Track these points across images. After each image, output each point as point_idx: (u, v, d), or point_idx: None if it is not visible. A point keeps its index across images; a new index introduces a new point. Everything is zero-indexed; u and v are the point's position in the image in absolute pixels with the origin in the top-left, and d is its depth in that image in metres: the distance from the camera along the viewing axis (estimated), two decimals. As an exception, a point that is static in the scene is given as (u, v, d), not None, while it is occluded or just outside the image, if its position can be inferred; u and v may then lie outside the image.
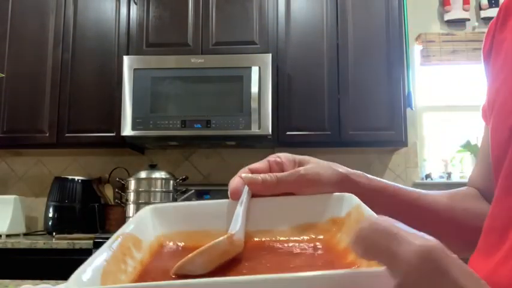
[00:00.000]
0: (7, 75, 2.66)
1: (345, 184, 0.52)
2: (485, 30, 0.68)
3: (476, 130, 2.74)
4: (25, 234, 2.71)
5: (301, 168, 0.50)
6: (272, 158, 0.53)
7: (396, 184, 0.60)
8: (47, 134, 2.66)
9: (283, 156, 0.53)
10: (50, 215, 2.63)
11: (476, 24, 3.00)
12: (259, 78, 2.48)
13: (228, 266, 0.38)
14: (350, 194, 0.45)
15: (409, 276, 0.25)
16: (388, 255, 0.26)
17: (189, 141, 2.70)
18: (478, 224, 0.62)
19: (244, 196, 0.47)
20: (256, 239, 0.45)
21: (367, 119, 2.59)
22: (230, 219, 0.44)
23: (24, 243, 2.28)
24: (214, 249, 0.38)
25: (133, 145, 2.75)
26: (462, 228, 0.63)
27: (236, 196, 0.47)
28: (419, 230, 0.28)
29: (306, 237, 0.44)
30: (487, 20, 2.99)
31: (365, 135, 2.58)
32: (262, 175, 0.49)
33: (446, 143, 2.95)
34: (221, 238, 0.39)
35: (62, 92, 2.68)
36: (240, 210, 0.45)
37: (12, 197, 2.69)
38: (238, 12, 2.67)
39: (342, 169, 0.54)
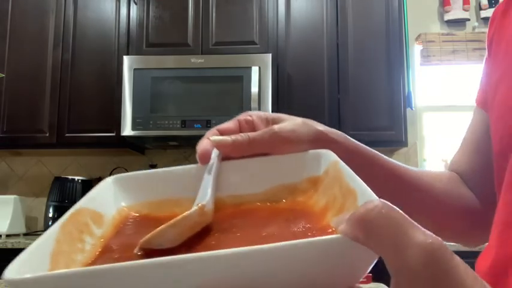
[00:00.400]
0: (7, 75, 2.66)
1: (323, 142, 0.47)
2: (486, 30, 0.67)
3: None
4: (25, 234, 2.71)
5: (275, 126, 0.46)
6: (242, 116, 0.49)
7: (378, 152, 0.56)
8: (47, 134, 2.66)
9: (254, 115, 0.49)
10: (50, 215, 2.63)
11: (476, 24, 3.00)
12: (259, 78, 2.48)
13: (197, 237, 0.35)
14: (327, 150, 0.41)
15: (413, 275, 0.24)
16: (393, 245, 0.24)
17: (189, 141, 2.70)
18: (456, 207, 0.61)
19: (214, 161, 0.43)
20: (228, 206, 0.41)
21: (367, 119, 2.59)
22: (199, 186, 0.41)
23: (24, 243, 2.28)
24: (185, 221, 0.35)
25: (134, 145, 2.75)
26: (439, 209, 0.60)
27: (205, 160, 0.43)
28: (397, 200, 0.27)
29: (281, 200, 0.41)
30: (487, 20, 2.99)
31: (365, 135, 2.58)
32: (232, 136, 0.44)
33: (446, 143, 2.95)
34: (192, 210, 0.36)
35: (62, 92, 2.68)
36: (209, 177, 0.41)
37: (12, 197, 2.69)
38: (238, 12, 2.68)
39: (320, 126, 0.49)
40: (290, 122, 0.47)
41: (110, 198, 0.41)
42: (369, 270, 0.28)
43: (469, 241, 0.65)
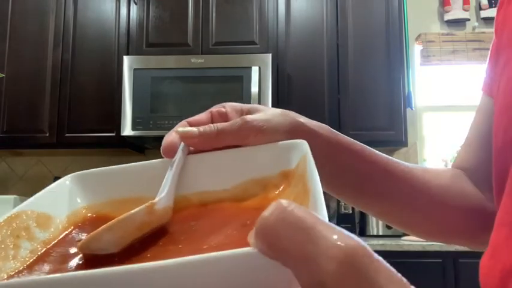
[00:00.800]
0: (7, 75, 2.66)
1: (301, 134, 0.42)
2: (486, 30, 0.65)
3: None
4: (25, 234, 2.71)
5: (247, 116, 0.42)
6: (215, 108, 0.45)
7: (366, 146, 0.51)
8: (47, 134, 2.66)
9: (228, 106, 0.45)
10: (50, 215, 2.63)
11: (476, 24, 3.00)
12: (259, 78, 2.48)
13: (148, 241, 0.32)
14: (301, 141, 0.36)
15: (326, 285, 0.19)
16: (300, 256, 0.20)
17: (189, 141, 2.70)
18: (458, 206, 0.56)
19: (178, 155, 0.39)
20: (193, 204, 0.37)
21: (367, 119, 2.59)
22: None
23: (24, 243, 2.28)
24: (128, 222, 0.31)
25: (134, 145, 2.75)
26: (438, 207, 0.55)
27: (169, 154, 0.40)
28: (387, 198, 0.21)
29: (252, 197, 0.36)
30: (487, 20, 2.99)
31: (365, 135, 2.58)
32: (200, 127, 0.41)
33: (446, 143, 2.95)
34: (137, 208, 0.32)
35: (62, 92, 2.68)
36: (169, 172, 0.37)
37: (12, 197, 2.69)
38: (238, 12, 2.68)
39: (300, 118, 0.44)
40: (265, 113, 0.43)
41: (63, 198, 0.37)
42: None
43: (476, 242, 0.59)
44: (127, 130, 2.51)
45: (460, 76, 3.03)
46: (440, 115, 3.03)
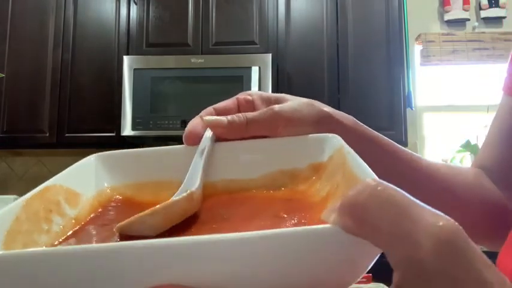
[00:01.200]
0: (7, 75, 2.66)
1: (328, 125, 0.42)
2: (486, 30, 0.66)
3: (476, 130, 2.74)
4: (25, 234, 2.71)
5: (275, 105, 0.41)
6: (242, 95, 0.44)
7: (391, 140, 0.51)
8: (47, 134, 2.66)
9: (255, 94, 0.44)
10: (50, 215, 2.63)
11: (476, 24, 3.00)
12: (259, 78, 2.48)
13: (181, 227, 0.32)
14: (333, 135, 0.37)
15: (421, 268, 0.19)
16: (395, 233, 0.19)
17: (189, 141, 2.70)
18: (478, 204, 0.55)
19: (207, 143, 0.39)
20: (219, 192, 0.37)
21: (367, 119, 2.57)
22: (188, 168, 0.37)
23: (24, 243, 2.28)
24: (172, 208, 0.32)
25: (134, 145, 2.75)
26: (459, 205, 0.54)
27: (192, 140, 0.40)
28: (411, 195, 0.22)
29: (280, 188, 0.36)
30: (487, 20, 2.99)
31: (365, 135, 2.58)
32: (229, 116, 0.40)
33: (446, 143, 2.95)
34: (180, 196, 0.33)
35: (62, 92, 2.68)
36: (199, 159, 0.37)
37: (12, 197, 2.69)
38: (238, 12, 2.68)
39: (326, 108, 0.44)
40: (293, 102, 0.43)
41: (90, 177, 0.37)
42: (369, 267, 0.24)
43: (492, 241, 0.58)
44: (127, 130, 2.51)
45: (460, 76, 3.03)
46: (440, 115, 3.03)
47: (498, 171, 0.57)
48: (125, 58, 2.57)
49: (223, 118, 0.40)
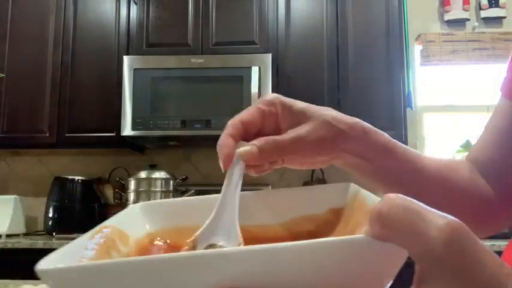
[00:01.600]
0: (7, 75, 2.66)
1: (344, 144, 0.48)
2: (486, 30, 0.68)
3: (476, 130, 2.74)
4: (25, 234, 2.71)
5: (302, 131, 0.45)
6: (265, 106, 0.46)
7: (396, 142, 0.54)
8: (47, 134, 2.66)
9: (279, 106, 0.47)
10: (50, 215, 2.63)
11: (476, 24, 3.00)
12: (259, 78, 2.48)
13: None
14: (349, 183, 0.42)
15: (434, 258, 0.24)
16: (413, 232, 0.24)
17: (189, 141, 2.70)
18: (469, 197, 0.60)
19: (236, 175, 0.42)
20: (247, 237, 0.41)
21: (367, 119, 2.55)
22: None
23: (24, 243, 2.28)
24: None
25: (134, 145, 2.75)
26: (453, 200, 0.59)
27: (228, 165, 0.43)
28: (419, 196, 0.27)
29: (304, 232, 0.41)
30: (487, 20, 2.99)
31: (365, 135, 2.58)
32: (258, 143, 0.43)
33: (446, 143, 2.95)
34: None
35: (62, 92, 2.68)
36: (235, 197, 0.41)
37: (12, 197, 2.69)
38: (238, 12, 2.68)
39: (343, 124, 0.48)
40: (315, 124, 0.47)
41: (137, 222, 0.42)
42: (394, 276, 0.28)
43: (477, 233, 0.61)
44: (127, 130, 2.51)
45: (460, 76, 3.03)
46: (440, 115, 3.02)
47: (490, 168, 0.62)
48: (125, 58, 2.57)
49: (254, 149, 0.43)
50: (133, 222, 0.42)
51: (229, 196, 0.41)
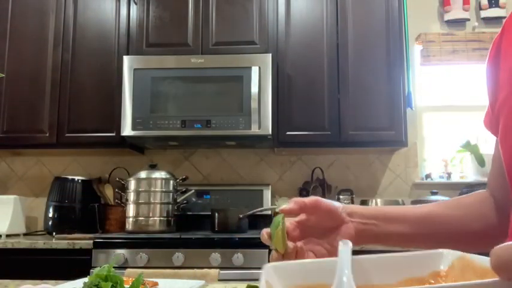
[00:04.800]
0: (7, 75, 2.66)
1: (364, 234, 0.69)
2: (485, 30, 0.73)
3: (476, 130, 2.74)
4: (25, 234, 2.71)
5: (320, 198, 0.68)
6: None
7: (391, 207, 0.74)
8: (47, 134, 2.66)
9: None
10: (50, 215, 2.63)
11: (476, 24, 3.00)
12: (259, 78, 2.48)
13: None
14: (448, 250, 0.49)
15: None
16: None
17: (189, 141, 2.71)
18: (471, 229, 0.73)
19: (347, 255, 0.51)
20: None
21: (367, 119, 2.59)
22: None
23: (24, 243, 2.28)
24: None
25: (133, 145, 2.75)
26: (455, 235, 0.73)
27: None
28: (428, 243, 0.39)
29: None
30: (487, 20, 3.00)
31: (365, 135, 2.58)
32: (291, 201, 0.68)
33: (446, 143, 2.95)
34: None
35: (62, 92, 2.68)
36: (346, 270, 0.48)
37: (12, 197, 2.69)
38: (238, 12, 2.68)
39: (345, 214, 0.68)
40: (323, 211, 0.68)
41: (273, 281, 0.49)
42: None
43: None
44: (127, 130, 2.51)
45: (460, 76, 3.03)
46: (440, 115, 3.03)
47: (497, 194, 0.74)
48: (125, 58, 2.57)
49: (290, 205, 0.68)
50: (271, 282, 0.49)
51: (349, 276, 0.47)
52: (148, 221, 2.46)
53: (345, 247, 0.51)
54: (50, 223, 2.62)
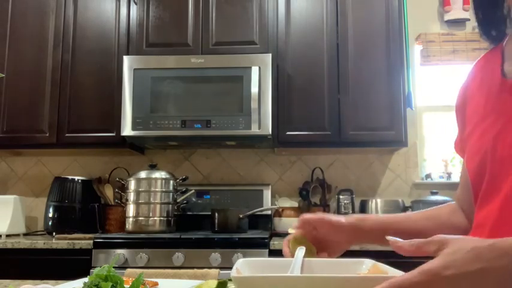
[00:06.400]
0: (7, 75, 2.66)
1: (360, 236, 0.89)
2: None
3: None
4: (25, 234, 2.71)
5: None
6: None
7: (376, 216, 0.95)
8: (47, 134, 2.66)
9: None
10: (50, 215, 2.63)
11: (476, 24, 3.00)
12: (259, 78, 2.48)
13: None
14: (369, 259, 0.69)
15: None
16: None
17: (189, 141, 2.71)
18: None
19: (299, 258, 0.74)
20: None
21: (367, 119, 2.59)
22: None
23: (24, 243, 2.28)
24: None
25: (133, 145, 2.75)
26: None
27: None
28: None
29: None
30: (487, 20, 2.99)
31: (365, 135, 2.58)
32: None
33: (446, 143, 2.95)
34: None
35: (62, 92, 2.68)
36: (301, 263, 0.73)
37: (12, 197, 2.69)
38: (238, 12, 2.68)
39: (346, 233, 0.87)
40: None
41: None
42: None
43: None
44: (127, 130, 2.51)
45: (460, 76, 3.03)
46: (441, 115, 3.03)
47: (466, 207, 0.89)
48: (125, 58, 2.57)
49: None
50: None
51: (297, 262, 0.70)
52: (148, 221, 2.46)
53: (300, 251, 0.73)
54: (50, 223, 2.62)
